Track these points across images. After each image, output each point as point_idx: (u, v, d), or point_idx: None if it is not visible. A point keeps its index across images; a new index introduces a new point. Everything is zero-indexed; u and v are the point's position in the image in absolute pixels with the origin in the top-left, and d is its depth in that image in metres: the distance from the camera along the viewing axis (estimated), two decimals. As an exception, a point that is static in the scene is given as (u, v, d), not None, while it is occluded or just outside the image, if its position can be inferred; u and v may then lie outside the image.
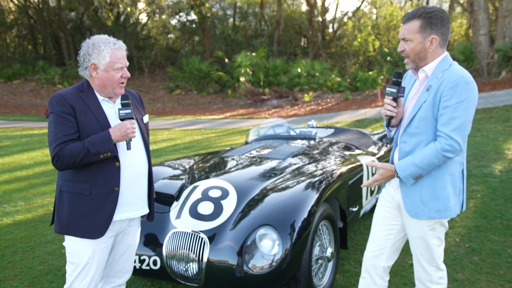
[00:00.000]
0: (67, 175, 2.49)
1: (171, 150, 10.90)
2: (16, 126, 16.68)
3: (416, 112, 2.47)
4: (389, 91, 2.52)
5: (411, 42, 2.43)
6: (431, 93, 2.41)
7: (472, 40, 20.55)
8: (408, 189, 2.54)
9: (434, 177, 2.50)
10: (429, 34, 2.40)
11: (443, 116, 2.37)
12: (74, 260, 2.50)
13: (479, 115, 13.19)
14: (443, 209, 2.51)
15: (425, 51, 2.44)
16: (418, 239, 2.59)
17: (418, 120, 2.46)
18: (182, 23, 35.00)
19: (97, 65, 2.45)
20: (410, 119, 2.49)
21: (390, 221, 2.72)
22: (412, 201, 2.53)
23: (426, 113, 2.43)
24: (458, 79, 2.35)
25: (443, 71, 2.43)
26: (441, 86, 2.38)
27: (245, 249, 2.97)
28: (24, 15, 35.21)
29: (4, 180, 7.83)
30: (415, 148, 2.50)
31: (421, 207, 2.51)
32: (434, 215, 2.50)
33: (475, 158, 7.99)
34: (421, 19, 2.39)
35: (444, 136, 2.36)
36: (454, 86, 2.34)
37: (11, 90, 28.08)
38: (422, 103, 2.44)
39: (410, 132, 2.51)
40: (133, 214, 2.63)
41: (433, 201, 2.50)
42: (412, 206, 2.53)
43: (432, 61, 2.48)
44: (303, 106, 20.92)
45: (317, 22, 32.49)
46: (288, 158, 4.32)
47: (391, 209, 2.71)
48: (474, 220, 4.90)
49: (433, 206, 2.50)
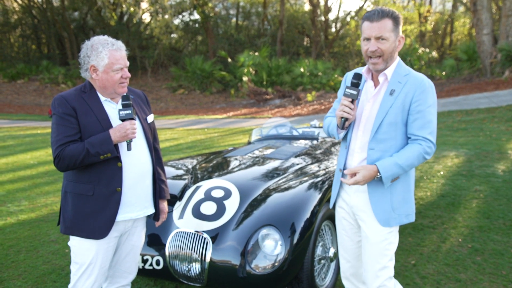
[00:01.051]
0: (71, 176, 2.51)
1: (174, 150, 10.92)
2: (20, 125, 16.74)
3: (383, 117, 2.40)
4: (349, 92, 2.39)
5: (386, 41, 2.35)
6: (398, 97, 2.38)
7: (475, 40, 20.51)
8: (378, 197, 2.46)
9: (403, 181, 2.48)
10: (398, 34, 2.38)
11: (417, 120, 2.37)
12: (78, 260, 2.52)
13: (482, 115, 13.16)
14: (411, 212, 2.52)
15: (395, 51, 2.40)
16: (377, 245, 2.49)
17: (387, 125, 2.40)
18: (185, 23, 35.05)
19: (96, 66, 2.46)
20: (378, 124, 2.41)
21: (354, 230, 2.66)
22: (384, 210, 2.45)
23: (395, 118, 2.39)
24: (425, 84, 2.39)
25: (405, 76, 2.42)
26: (410, 91, 2.37)
27: (248, 249, 2.97)
28: (28, 15, 35.31)
29: (8, 179, 7.87)
30: (384, 154, 2.42)
31: (392, 214, 2.46)
32: (403, 220, 2.48)
33: (478, 158, 7.97)
34: (392, 19, 2.34)
35: (423, 139, 2.36)
36: (424, 91, 2.37)
37: (15, 90, 28.17)
38: (389, 108, 2.39)
39: (379, 138, 2.43)
40: (137, 215, 2.64)
41: (402, 206, 2.47)
42: (384, 214, 2.45)
43: (392, 62, 2.45)
44: (306, 106, 20.92)
45: (320, 22, 32.47)
46: (291, 158, 4.33)
47: (350, 219, 2.65)
48: (477, 220, 4.90)
49: (402, 211, 2.48)
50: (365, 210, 2.52)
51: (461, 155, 8.36)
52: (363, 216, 2.54)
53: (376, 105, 2.46)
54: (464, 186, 6.23)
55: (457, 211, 5.23)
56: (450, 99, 17.24)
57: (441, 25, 34.32)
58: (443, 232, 4.62)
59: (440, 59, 29.41)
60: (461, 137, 10.35)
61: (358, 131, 2.52)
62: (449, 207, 5.40)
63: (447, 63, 23.70)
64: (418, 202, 5.63)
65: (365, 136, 2.48)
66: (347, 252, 2.75)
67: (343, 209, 2.66)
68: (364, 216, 2.53)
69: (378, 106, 2.44)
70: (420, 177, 6.89)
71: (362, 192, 2.53)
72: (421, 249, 4.22)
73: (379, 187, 2.45)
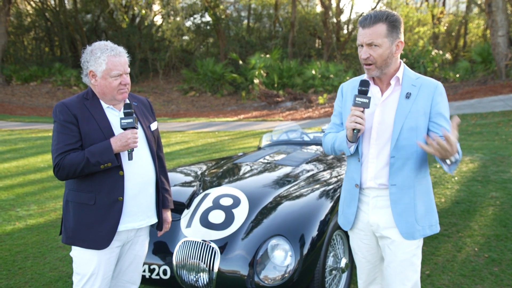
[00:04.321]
0: (72, 184, 2.47)
1: (184, 153, 10.87)
2: (31, 128, 16.84)
3: (403, 122, 2.27)
4: (360, 101, 2.22)
5: (379, 47, 2.21)
6: (416, 101, 2.27)
7: (490, 42, 20.21)
8: (402, 210, 2.32)
9: (425, 191, 2.37)
10: (395, 38, 2.24)
11: (443, 123, 2.26)
12: (80, 270, 2.47)
13: (497, 118, 12.92)
14: (435, 223, 2.40)
15: (391, 56, 2.26)
16: (403, 262, 2.35)
17: (408, 130, 2.27)
18: (196, 25, 35.09)
19: (95, 72, 2.42)
20: (399, 130, 2.27)
21: (372, 251, 2.54)
22: (407, 222, 2.32)
23: (416, 123, 2.27)
24: (440, 86, 2.31)
25: (417, 79, 2.32)
26: (428, 94, 2.28)
27: (257, 260, 2.91)
28: (41, 18, 35.64)
29: (18, 183, 7.87)
30: (406, 162, 2.29)
31: (416, 226, 2.33)
32: (427, 231, 2.36)
33: (493, 163, 7.79)
34: (387, 23, 2.21)
35: None
36: (441, 93, 2.30)
37: (28, 92, 28.41)
38: (408, 112, 2.26)
39: (400, 144, 2.28)
40: (139, 224, 2.58)
41: (425, 217, 2.36)
42: (407, 227, 2.32)
43: (395, 68, 2.33)
44: (317, 109, 20.79)
45: (332, 24, 32.31)
46: (302, 164, 4.24)
47: (368, 240, 2.50)
48: (493, 229, 4.76)
49: (426, 223, 2.36)
50: (389, 226, 2.37)
51: (476, 160, 8.18)
52: (387, 233, 2.38)
53: (390, 110, 2.32)
54: (480, 193, 6.07)
55: (473, 219, 5.09)
56: (464, 102, 16.99)
57: (454, 26, 33.96)
58: (459, 240, 4.49)
59: (454, 61, 29.06)
60: (476, 141, 10.15)
61: (371, 139, 2.37)
62: (464, 214, 5.26)
63: (461, 65, 23.38)
64: (432, 209, 5.49)
65: (379, 144, 2.34)
66: (364, 273, 2.63)
67: (361, 230, 2.50)
68: (388, 233, 2.38)
69: (393, 111, 2.31)
70: (434, 182, 6.74)
71: (382, 207, 2.39)
72: (436, 258, 4.10)
73: (402, 199, 2.31)
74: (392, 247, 2.37)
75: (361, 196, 2.45)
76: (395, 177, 2.31)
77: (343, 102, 2.51)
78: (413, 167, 2.31)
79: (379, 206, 2.39)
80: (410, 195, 2.32)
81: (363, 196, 2.44)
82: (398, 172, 2.30)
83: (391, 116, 2.31)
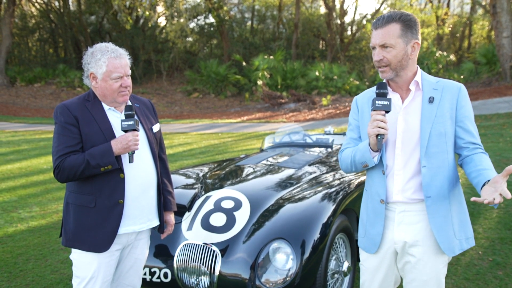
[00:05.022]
0: (73, 186, 2.45)
1: (187, 155, 10.86)
2: (35, 129, 16.87)
3: (430, 128, 2.13)
4: (380, 104, 2.08)
5: (392, 48, 2.10)
6: (441, 105, 2.15)
7: (495, 43, 20.14)
8: (441, 225, 2.15)
9: (458, 202, 2.24)
10: (410, 39, 2.13)
11: (470, 128, 2.17)
12: (79, 273, 2.45)
13: (502, 120, 12.85)
14: (470, 235, 2.26)
15: (407, 58, 2.14)
16: (430, 281, 2.20)
17: (437, 136, 2.14)
18: (200, 26, 35.11)
19: (96, 74, 2.41)
20: (427, 137, 2.13)
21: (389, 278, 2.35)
22: (448, 237, 2.16)
23: (444, 128, 2.14)
24: (462, 88, 2.22)
25: (437, 82, 2.21)
26: (452, 97, 2.16)
27: (258, 263, 2.89)
28: (45, 19, 35.74)
29: (20, 184, 7.87)
30: (438, 171, 2.15)
31: (454, 240, 2.17)
32: (464, 245, 2.21)
33: (498, 165, 7.73)
34: (401, 22, 2.10)
35: (480, 147, 2.16)
36: (464, 96, 2.20)
37: (32, 93, 28.48)
38: (434, 117, 2.14)
39: (430, 152, 2.14)
40: (140, 227, 2.55)
41: (461, 229, 2.21)
42: (448, 242, 2.15)
43: (412, 71, 2.20)
44: (321, 110, 20.75)
45: (336, 25, 32.28)
46: (304, 167, 4.21)
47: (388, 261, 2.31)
48: (498, 232, 4.71)
49: (462, 236, 2.21)
50: (417, 244, 2.20)
51: (480, 162, 8.10)
52: (414, 251, 2.21)
53: (414, 117, 2.19)
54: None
55: (477, 222, 5.05)
56: (468, 103, 16.89)
57: (459, 27, 33.85)
58: (463, 244, 4.44)
59: (458, 62, 28.94)
60: (480, 143, 10.08)
61: (396, 149, 2.21)
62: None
63: (465, 67, 23.28)
64: (436, 212, 5.45)
65: (405, 154, 2.19)
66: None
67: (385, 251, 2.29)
68: (415, 251, 2.21)
69: (417, 117, 2.18)
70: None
71: (409, 224, 2.22)
72: (440, 262, 4.06)
73: (439, 211, 2.16)
74: (418, 266, 2.21)
75: (386, 212, 2.27)
76: (429, 188, 2.15)
77: (360, 115, 2.37)
78: (446, 176, 2.17)
79: (406, 222, 2.22)
80: (446, 206, 2.17)
81: (388, 211, 2.27)
82: (431, 182, 2.15)
83: (416, 123, 2.17)
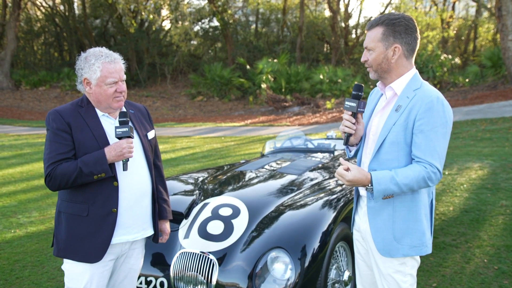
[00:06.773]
0: (65, 195, 2.38)
1: (189, 159, 10.80)
2: (38, 133, 16.87)
3: (385, 136, 2.19)
4: (348, 105, 2.22)
5: (373, 51, 2.21)
6: (402, 114, 2.15)
7: (500, 46, 19.99)
8: (378, 225, 2.25)
9: (408, 209, 2.22)
10: (391, 43, 2.17)
11: (421, 142, 2.11)
12: (71, 284, 2.38)
13: (508, 124, 12.71)
14: (419, 244, 2.24)
15: (387, 62, 2.20)
16: (388, 276, 2.28)
17: (389, 144, 2.18)
18: (204, 30, 35.12)
19: (89, 79, 2.34)
20: (380, 143, 2.20)
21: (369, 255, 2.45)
22: (384, 238, 2.24)
23: (397, 137, 2.16)
24: (433, 100, 2.11)
25: (415, 90, 2.18)
26: (414, 108, 2.13)
27: (256, 272, 2.82)
28: (51, 23, 35.88)
29: (21, 189, 7.83)
30: None
31: (394, 244, 2.22)
32: (408, 252, 2.23)
33: (503, 170, 7.62)
34: (384, 26, 2.16)
35: (426, 164, 2.09)
36: (429, 108, 2.10)
37: (37, 97, 28.55)
38: (392, 125, 2.17)
39: (380, 158, 2.22)
40: (134, 237, 2.48)
41: (407, 236, 2.22)
42: (383, 243, 2.24)
43: (398, 75, 2.23)
44: (325, 113, 20.65)
45: (340, 28, 32.18)
46: (305, 173, 4.13)
47: (364, 243, 2.45)
48: (503, 239, 4.61)
49: (407, 242, 2.22)
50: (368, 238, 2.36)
51: (485, 166, 8.01)
52: (370, 244, 2.35)
53: (382, 121, 2.27)
54: (489, 201, 5.92)
55: (482, 228, 4.95)
56: (474, 107, 16.78)
57: (464, 30, 33.66)
58: (467, 251, 4.36)
59: (463, 65, 28.76)
60: (485, 148, 9.97)
61: (366, 148, 2.35)
62: (473, 223, 5.12)
63: (471, 70, 23.12)
64: (440, 218, 5.36)
65: (368, 154, 2.32)
66: (362, 277, 2.57)
67: (358, 231, 2.49)
68: (371, 244, 2.34)
69: (383, 122, 2.25)
70: (442, 190, 6.60)
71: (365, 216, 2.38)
72: (443, 270, 3.97)
73: (380, 213, 2.24)
74: (377, 259, 2.33)
75: (360, 201, 2.46)
76: None
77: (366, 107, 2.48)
78: None
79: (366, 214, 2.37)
80: (389, 211, 2.23)
81: (361, 201, 2.44)
82: None
83: (380, 128, 2.26)
